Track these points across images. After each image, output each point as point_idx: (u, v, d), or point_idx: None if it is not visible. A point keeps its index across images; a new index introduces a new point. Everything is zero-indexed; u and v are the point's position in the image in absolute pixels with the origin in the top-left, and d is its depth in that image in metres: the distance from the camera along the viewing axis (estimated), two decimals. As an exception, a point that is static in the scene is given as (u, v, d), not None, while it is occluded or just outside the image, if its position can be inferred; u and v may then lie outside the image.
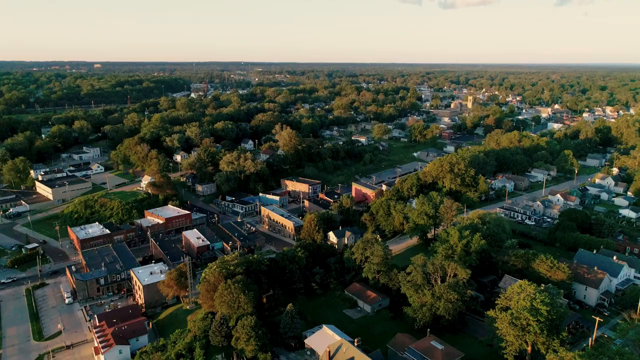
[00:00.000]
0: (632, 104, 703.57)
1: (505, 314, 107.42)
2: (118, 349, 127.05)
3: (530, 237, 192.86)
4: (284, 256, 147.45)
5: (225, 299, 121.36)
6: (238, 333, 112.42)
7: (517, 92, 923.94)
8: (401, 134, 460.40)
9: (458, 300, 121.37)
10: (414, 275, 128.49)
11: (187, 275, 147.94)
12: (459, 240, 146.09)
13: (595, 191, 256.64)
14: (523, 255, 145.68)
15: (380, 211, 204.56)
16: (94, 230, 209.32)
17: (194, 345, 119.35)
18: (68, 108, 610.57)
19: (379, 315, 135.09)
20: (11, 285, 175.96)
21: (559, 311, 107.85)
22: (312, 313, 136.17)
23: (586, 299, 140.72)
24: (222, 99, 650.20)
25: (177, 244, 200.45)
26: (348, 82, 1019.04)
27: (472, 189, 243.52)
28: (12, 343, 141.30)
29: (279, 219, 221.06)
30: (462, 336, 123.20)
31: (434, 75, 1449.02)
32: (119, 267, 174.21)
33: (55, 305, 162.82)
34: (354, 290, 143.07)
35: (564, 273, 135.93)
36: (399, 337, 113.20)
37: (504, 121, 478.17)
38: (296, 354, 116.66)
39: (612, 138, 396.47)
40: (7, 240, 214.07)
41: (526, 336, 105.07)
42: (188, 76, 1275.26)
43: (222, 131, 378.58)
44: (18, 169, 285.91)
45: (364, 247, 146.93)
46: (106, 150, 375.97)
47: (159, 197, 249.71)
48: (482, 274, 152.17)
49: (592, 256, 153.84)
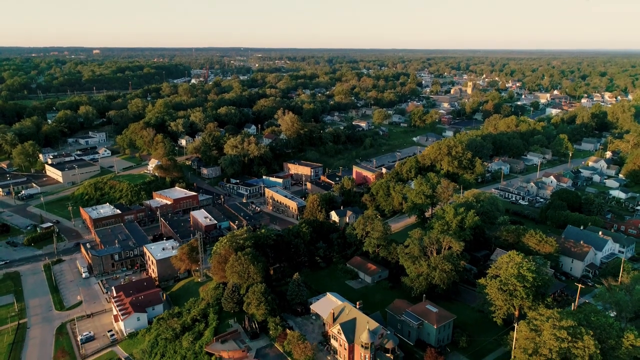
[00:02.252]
0: (631, 89, 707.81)
1: (494, 280, 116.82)
2: (136, 316, 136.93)
3: (523, 216, 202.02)
4: (289, 231, 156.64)
5: (236, 269, 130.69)
6: (249, 299, 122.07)
7: (517, 78, 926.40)
8: (401, 119, 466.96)
9: (452, 271, 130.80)
10: (411, 248, 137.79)
11: (198, 250, 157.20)
12: (454, 216, 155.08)
13: (588, 173, 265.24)
14: (514, 230, 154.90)
15: (380, 192, 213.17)
16: (105, 210, 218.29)
17: (208, 311, 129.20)
18: (70, 94, 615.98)
19: (378, 285, 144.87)
20: (30, 261, 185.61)
21: (544, 278, 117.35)
22: (316, 284, 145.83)
23: (572, 270, 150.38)
24: (223, 84, 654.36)
25: (185, 223, 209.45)
26: (348, 68, 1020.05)
27: (469, 171, 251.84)
28: (35, 312, 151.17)
29: (282, 200, 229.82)
30: (455, 303, 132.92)
31: (435, 61, 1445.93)
32: (131, 244, 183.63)
33: (72, 279, 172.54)
34: (355, 263, 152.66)
35: (551, 246, 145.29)
36: (397, 302, 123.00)
37: (502, 107, 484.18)
38: (302, 319, 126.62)
39: (608, 123, 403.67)
40: (21, 220, 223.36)
41: (513, 301, 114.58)
42: (188, 62, 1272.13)
43: (225, 116, 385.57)
44: (27, 153, 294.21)
45: (364, 223, 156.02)
46: (111, 135, 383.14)
47: (166, 180, 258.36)
48: (475, 249, 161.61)
49: (580, 232, 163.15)
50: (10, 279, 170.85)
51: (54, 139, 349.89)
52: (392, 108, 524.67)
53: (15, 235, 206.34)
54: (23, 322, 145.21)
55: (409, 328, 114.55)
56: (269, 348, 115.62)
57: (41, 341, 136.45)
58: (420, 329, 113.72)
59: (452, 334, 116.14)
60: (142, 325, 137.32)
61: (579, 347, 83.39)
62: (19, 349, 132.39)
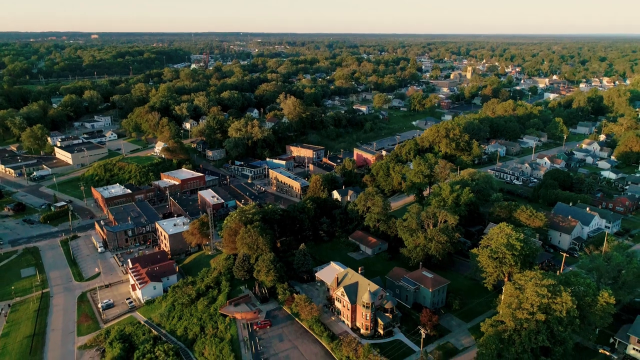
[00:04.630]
0: (629, 74, 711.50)
1: (486, 249, 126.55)
2: (153, 285, 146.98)
3: (516, 195, 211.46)
4: (294, 207, 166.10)
5: (246, 240, 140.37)
6: (259, 267, 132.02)
7: (517, 63, 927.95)
8: (401, 104, 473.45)
9: (447, 242, 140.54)
10: (409, 221, 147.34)
11: (209, 225, 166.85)
12: (450, 193, 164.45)
13: (581, 155, 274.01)
14: (506, 206, 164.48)
15: (380, 172, 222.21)
16: (116, 190, 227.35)
17: (220, 279, 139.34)
18: (72, 79, 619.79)
19: (378, 257, 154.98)
20: (47, 238, 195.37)
21: (531, 247, 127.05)
22: (320, 256, 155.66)
23: (560, 243, 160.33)
24: (224, 69, 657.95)
25: (193, 202, 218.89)
26: (349, 53, 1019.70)
27: (466, 152, 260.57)
28: (57, 283, 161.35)
29: (286, 180, 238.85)
30: (449, 272, 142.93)
31: (435, 46, 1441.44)
32: (143, 220, 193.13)
33: (89, 254, 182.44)
34: (356, 237, 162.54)
35: (540, 221, 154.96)
36: (395, 270, 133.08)
37: (501, 91, 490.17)
38: (308, 285, 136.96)
39: (604, 107, 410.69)
40: (35, 200, 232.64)
41: (503, 268, 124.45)
42: (187, 47, 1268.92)
43: (228, 100, 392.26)
44: (36, 136, 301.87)
45: (365, 199, 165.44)
46: (116, 119, 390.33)
47: (173, 161, 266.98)
48: (470, 224, 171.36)
49: (568, 208, 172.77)
50: (30, 253, 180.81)
51: (60, 122, 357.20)
52: (392, 93, 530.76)
53: (31, 214, 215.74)
54: (46, 291, 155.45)
55: (407, 292, 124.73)
56: (278, 310, 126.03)
57: (64, 308, 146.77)
58: (417, 293, 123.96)
59: (446, 297, 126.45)
60: (158, 293, 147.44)
61: (558, 302, 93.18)
62: (44, 315, 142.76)
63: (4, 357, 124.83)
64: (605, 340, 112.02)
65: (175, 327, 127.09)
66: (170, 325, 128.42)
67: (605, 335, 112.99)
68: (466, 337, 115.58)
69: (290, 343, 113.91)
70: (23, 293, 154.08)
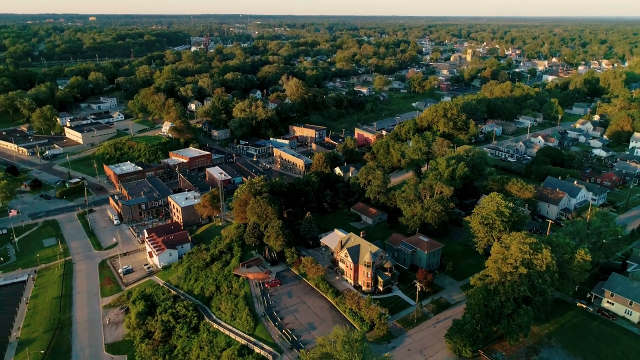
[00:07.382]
0: (629, 57, 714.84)
1: (477, 216, 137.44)
2: (169, 252, 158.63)
3: (510, 171, 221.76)
4: (300, 181, 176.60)
5: (255, 210, 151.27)
6: (268, 233, 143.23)
7: (518, 46, 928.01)
8: (401, 86, 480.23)
9: (442, 211, 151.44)
10: (407, 193, 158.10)
11: (219, 198, 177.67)
12: (446, 167, 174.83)
13: (575, 134, 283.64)
14: (499, 179, 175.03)
15: (381, 150, 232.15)
16: (128, 167, 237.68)
17: (232, 245, 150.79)
18: (73, 61, 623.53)
19: (378, 226, 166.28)
20: (64, 212, 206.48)
21: (519, 215, 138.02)
22: (324, 225, 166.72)
23: (548, 214, 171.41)
24: (225, 52, 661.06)
25: (202, 178, 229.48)
26: (349, 36, 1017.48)
27: (463, 131, 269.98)
28: (77, 252, 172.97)
29: (290, 158, 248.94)
30: (444, 239, 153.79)
31: (436, 28, 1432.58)
32: (156, 195, 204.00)
33: (105, 226, 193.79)
34: (358, 208, 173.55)
35: (530, 192, 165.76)
36: (394, 236, 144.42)
37: (500, 73, 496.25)
38: (314, 250, 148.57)
39: (600, 88, 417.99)
40: (50, 177, 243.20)
41: (493, 232, 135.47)
42: (187, 29, 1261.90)
43: (231, 82, 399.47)
44: (46, 116, 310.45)
45: (366, 173, 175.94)
46: (122, 100, 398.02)
47: (180, 141, 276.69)
48: (465, 197, 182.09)
49: (557, 182, 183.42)
50: (50, 226, 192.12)
51: (68, 103, 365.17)
52: (392, 75, 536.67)
53: (47, 190, 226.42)
54: (68, 259, 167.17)
55: (404, 255, 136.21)
56: (287, 272, 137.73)
57: (87, 273, 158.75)
58: (414, 255, 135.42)
59: (440, 260, 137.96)
60: (174, 259, 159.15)
61: (539, 258, 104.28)
62: (69, 279, 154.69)
63: (37, 315, 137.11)
64: (583, 296, 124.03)
65: (192, 287, 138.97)
66: (188, 286, 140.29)
67: (583, 292, 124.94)
68: (458, 293, 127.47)
69: (298, 299, 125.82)
70: (47, 261, 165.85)
